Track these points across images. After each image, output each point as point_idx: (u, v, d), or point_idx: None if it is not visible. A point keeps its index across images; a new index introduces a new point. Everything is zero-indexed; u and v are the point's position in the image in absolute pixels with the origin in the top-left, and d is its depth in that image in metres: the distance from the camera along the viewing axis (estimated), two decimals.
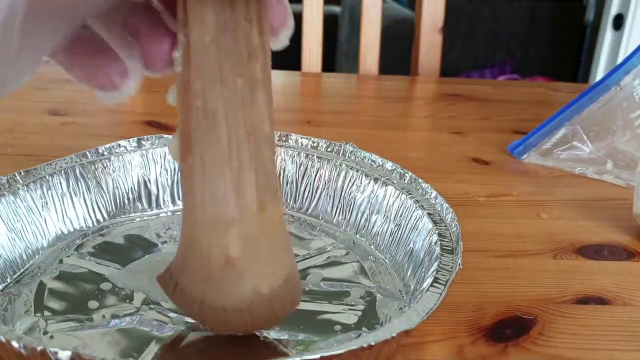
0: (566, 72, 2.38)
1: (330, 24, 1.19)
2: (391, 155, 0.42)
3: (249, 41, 0.24)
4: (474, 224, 0.43)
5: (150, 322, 0.30)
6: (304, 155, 0.43)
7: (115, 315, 0.31)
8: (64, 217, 0.38)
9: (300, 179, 0.43)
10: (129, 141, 0.41)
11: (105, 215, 0.39)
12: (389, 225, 0.38)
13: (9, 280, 0.33)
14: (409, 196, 0.37)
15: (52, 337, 0.29)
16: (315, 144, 0.43)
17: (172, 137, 0.26)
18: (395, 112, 0.71)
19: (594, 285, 0.37)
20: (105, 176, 0.40)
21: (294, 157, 0.43)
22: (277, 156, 0.43)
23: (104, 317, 0.30)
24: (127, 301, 0.32)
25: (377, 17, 0.90)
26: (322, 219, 0.41)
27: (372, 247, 0.38)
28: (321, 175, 0.42)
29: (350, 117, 0.69)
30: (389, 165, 0.41)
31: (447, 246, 0.32)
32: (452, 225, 0.34)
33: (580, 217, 0.46)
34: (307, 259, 0.37)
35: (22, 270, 0.34)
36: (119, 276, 0.34)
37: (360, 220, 0.40)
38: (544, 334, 0.32)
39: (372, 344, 0.23)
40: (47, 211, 0.37)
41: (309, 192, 0.42)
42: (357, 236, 0.40)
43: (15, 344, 0.22)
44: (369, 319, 0.31)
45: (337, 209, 0.41)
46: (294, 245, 0.38)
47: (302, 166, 0.43)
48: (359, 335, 0.30)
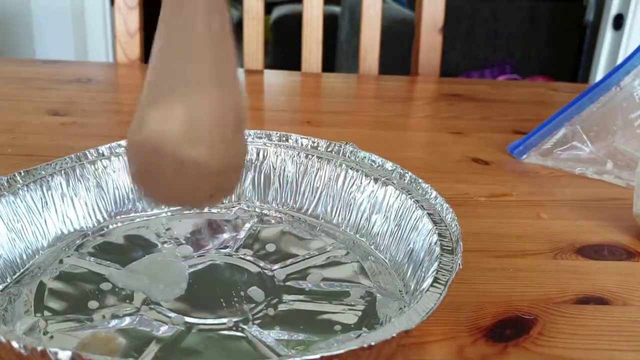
0: (566, 72, 2.38)
1: (330, 24, 1.19)
2: (391, 155, 0.42)
3: None
4: (474, 224, 0.43)
5: (150, 322, 0.30)
6: (304, 155, 0.43)
7: (115, 315, 0.31)
8: (64, 217, 0.38)
9: (300, 179, 0.43)
10: None
11: (105, 215, 0.40)
12: (389, 225, 0.38)
13: (9, 280, 0.33)
14: (409, 196, 0.37)
15: (52, 337, 0.29)
16: (315, 144, 0.43)
17: None
18: (395, 112, 0.71)
19: (594, 285, 0.37)
20: (105, 176, 0.40)
21: (294, 157, 0.43)
22: (277, 156, 0.43)
23: (104, 317, 0.30)
24: (127, 301, 0.32)
25: (377, 17, 0.90)
26: (322, 219, 0.41)
27: (372, 247, 0.38)
28: (321, 175, 0.42)
29: (350, 117, 0.69)
30: (389, 165, 0.41)
31: (447, 246, 0.32)
32: (452, 225, 0.34)
33: (580, 217, 0.46)
34: (307, 259, 0.37)
35: (22, 270, 0.34)
36: (119, 276, 0.34)
37: (360, 220, 0.40)
38: (544, 334, 0.32)
39: (372, 344, 0.23)
40: (47, 211, 0.37)
41: (309, 192, 0.42)
42: (357, 236, 0.40)
43: (15, 344, 0.22)
44: (369, 319, 0.31)
45: (337, 209, 0.41)
46: (294, 245, 0.38)
47: (302, 166, 0.43)
48: (359, 335, 0.30)
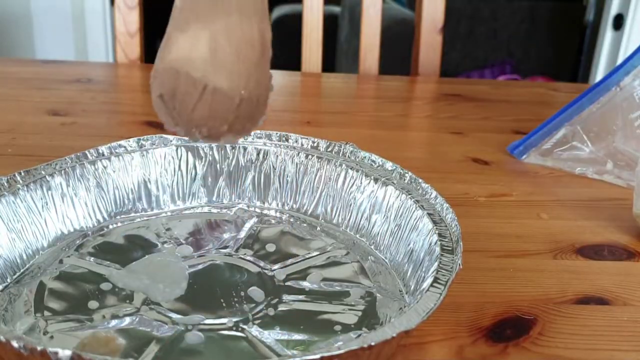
0: (566, 72, 2.38)
1: (330, 24, 1.19)
2: (391, 155, 0.42)
3: None
4: (474, 224, 0.43)
5: (150, 322, 0.30)
6: (304, 155, 0.43)
7: (115, 315, 0.31)
8: (64, 217, 0.38)
9: (300, 179, 0.43)
10: (129, 141, 0.41)
11: (105, 215, 0.40)
12: (389, 225, 0.38)
13: (9, 280, 0.33)
14: (409, 196, 0.37)
15: (52, 337, 0.29)
16: (315, 144, 0.43)
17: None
18: (395, 112, 0.71)
19: (594, 285, 0.37)
20: (105, 176, 0.40)
21: (294, 157, 0.43)
22: (277, 156, 0.43)
23: (104, 317, 0.30)
24: (127, 301, 0.32)
25: (377, 17, 0.90)
26: (322, 219, 0.41)
27: (372, 247, 0.38)
28: (321, 175, 0.42)
29: (350, 117, 0.69)
30: (389, 165, 0.41)
31: (447, 246, 0.32)
32: (452, 225, 0.34)
33: (580, 217, 0.46)
34: (307, 259, 0.37)
35: (22, 270, 0.34)
36: (119, 276, 0.34)
37: (360, 220, 0.40)
38: (544, 334, 0.32)
39: (372, 344, 0.23)
40: (47, 211, 0.37)
41: (309, 192, 0.42)
42: (357, 236, 0.40)
43: (15, 344, 0.22)
44: (369, 319, 0.31)
45: (337, 209, 0.41)
46: (294, 245, 0.38)
47: (302, 166, 0.43)
48: (359, 335, 0.30)
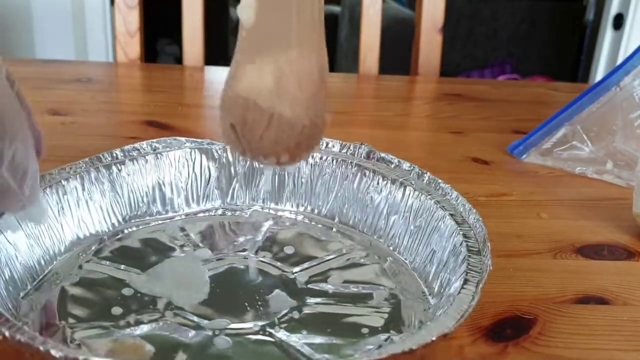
0: (566, 72, 2.38)
1: (330, 23, 1.19)
2: (391, 155, 0.42)
3: None
4: None
5: (175, 328, 0.30)
6: (319, 156, 0.42)
7: (139, 321, 0.30)
8: (79, 221, 0.37)
9: (315, 180, 0.42)
10: (142, 144, 0.41)
11: (120, 219, 0.39)
12: (408, 226, 0.38)
13: (29, 287, 0.32)
14: (429, 197, 0.37)
15: (79, 344, 0.28)
16: (330, 145, 0.43)
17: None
18: (395, 112, 0.71)
19: (594, 285, 0.37)
20: (120, 180, 0.39)
21: (308, 158, 0.42)
22: None
23: (128, 323, 0.30)
24: (150, 306, 0.31)
25: (377, 17, 0.90)
26: (337, 221, 0.41)
27: (391, 248, 0.38)
28: (336, 176, 0.41)
29: (350, 116, 0.69)
30: (406, 165, 0.40)
31: (473, 247, 0.32)
32: (477, 226, 0.33)
33: (580, 217, 0.46)
34: (327, 260, 0.36)
35: (40, 276, 0.33)
36: (139, 281, 0.33)
37: (377, 221, 0.39)
38: (544, 334, 0.32)
39: (414, 348, 0.23)
40: (63, 216, 0.36)
41: (324, 193, 0.42)
42: (375, 237, 0.39)
43: (55, 354, 0.21)
44: (395, 321, 0.31)
45: (353, 210, 0.41)
46: (312, 247, 0.38)
47: (317, 167, 0.42)
48: (388, 338, 0.30)
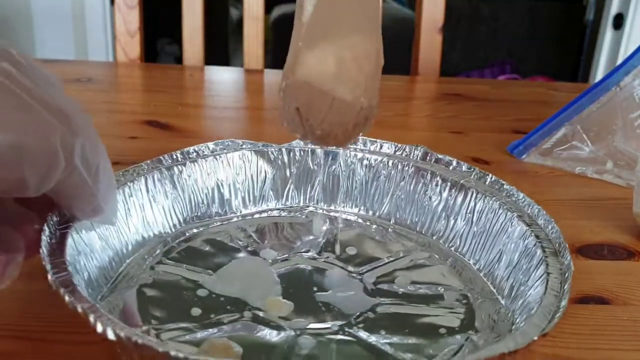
0: (566, 72, 2.38)
1: None
2: None
3: None
4: None
5: (256, 328, 0.30)
6: (374, 158, 0.42)
7: (220, 321, 0.30)
8: (144, 223, 0.37)
9: (370, 181, 0.42)
10: (201, 146, 0.41)
11: (181, 220, 0.39)
12: (472, 227, 0.37)
13: (104, 289, 0.32)
14: (494, 198, 0.37)
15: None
16: (385, 148, 0.42)
17: None
18: (395, 112, 0.71)
19: (594, 285, 0.37)
20: (181, 181, 0.39)
21: (363, 160, 0.42)
22: (347, 159, 0.43)
23: (210, 324, 0.30)
24: (228, 307, 0.31)
25: None
26: (394, 222, 0.41)
27: (452, 249, 0.38)
28: (392, 178, 0.41)
29: None
30: (466, 166, 0.40)
31: (548, 247, 0.32)
32: (548, 227, 0.33)
33: (580, 217, 0.46)
34: (392, 261, 0.36)
35: (113, 278, 0.33)
36: (212, 282, 0.33)
37: (436, 223, 0.39)
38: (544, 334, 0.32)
39: (516, 349, 0.23)
40: (129, 218, 0.36)
41: (379, 195, 0.41)
42: (434, 239, 0.39)
43: (175, 354, 0.21)
44: (472, 321, 0.31)
45: (409, 211, 0.40)
46: (374, 248, 0.38)
47: (372, 169, 0.42)
48: (467, 338, 0.30)
